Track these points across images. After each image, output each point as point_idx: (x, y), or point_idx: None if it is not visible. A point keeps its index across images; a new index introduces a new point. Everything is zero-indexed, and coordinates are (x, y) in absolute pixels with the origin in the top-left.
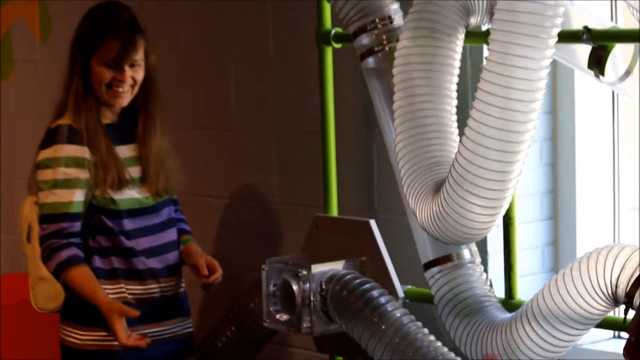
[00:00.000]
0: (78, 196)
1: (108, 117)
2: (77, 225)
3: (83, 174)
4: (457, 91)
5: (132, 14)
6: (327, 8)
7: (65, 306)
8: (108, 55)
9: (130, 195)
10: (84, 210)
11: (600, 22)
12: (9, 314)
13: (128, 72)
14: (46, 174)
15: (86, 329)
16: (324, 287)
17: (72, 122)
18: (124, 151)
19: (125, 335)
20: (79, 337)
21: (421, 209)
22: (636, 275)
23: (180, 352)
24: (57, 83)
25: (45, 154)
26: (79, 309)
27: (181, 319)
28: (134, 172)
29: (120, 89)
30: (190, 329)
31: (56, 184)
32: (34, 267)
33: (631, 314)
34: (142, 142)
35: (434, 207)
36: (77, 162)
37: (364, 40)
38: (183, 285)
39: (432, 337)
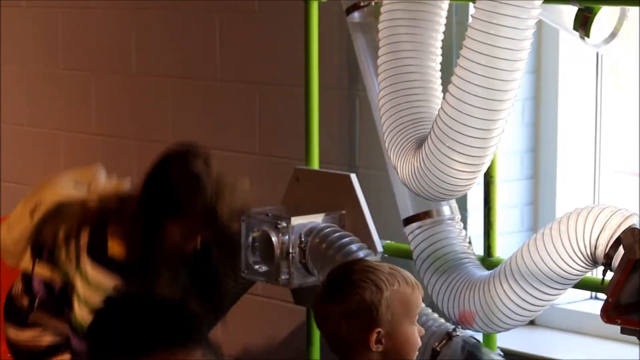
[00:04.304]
0: None
1: None
2: None
3: None
4: (442, 49)
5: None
6: None
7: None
8: None
9: None
10: None
11: None
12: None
13: None
14: None
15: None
16: (303, 239)
17: None
18: None
19: None
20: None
21: (403, 165)
22: (615, 236)
23: None
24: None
25: None
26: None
27: None
28: None
29: None
30: None
31: None
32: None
33: (609, 275)
34: None
35: (415, 163)
36: None
37: None
38: None
39: None
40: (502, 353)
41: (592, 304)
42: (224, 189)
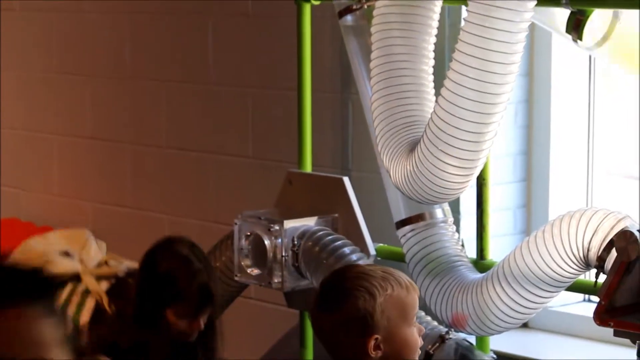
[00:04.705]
0: None
1: None
2: None
3: None
4: (434, 51)
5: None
6: None
7: None
8: None
9: None
10: None
11: None
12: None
13: None
14: None
15: None
16: (295, 242)
17: None
18: None
19: None
20: None
21: (395, 168)
22: (608, 239)
23: None
24: None
25: None
26: None
27: None
28: None
29: None
30: None
31: None
32: None
33: (602, 277)
34: None
35: (408, 167)
36: None
37: None
38: None
39: None
40: (495, 356)
41: (585, 307)
42: (212, 268)
